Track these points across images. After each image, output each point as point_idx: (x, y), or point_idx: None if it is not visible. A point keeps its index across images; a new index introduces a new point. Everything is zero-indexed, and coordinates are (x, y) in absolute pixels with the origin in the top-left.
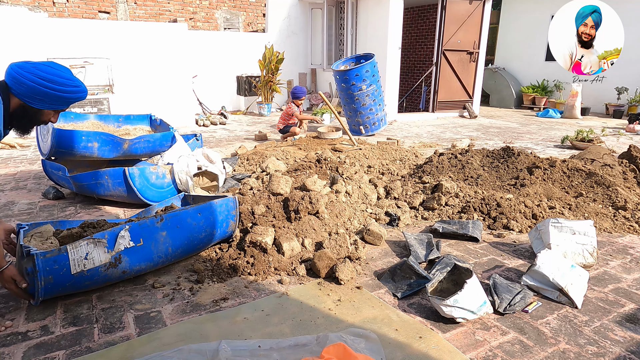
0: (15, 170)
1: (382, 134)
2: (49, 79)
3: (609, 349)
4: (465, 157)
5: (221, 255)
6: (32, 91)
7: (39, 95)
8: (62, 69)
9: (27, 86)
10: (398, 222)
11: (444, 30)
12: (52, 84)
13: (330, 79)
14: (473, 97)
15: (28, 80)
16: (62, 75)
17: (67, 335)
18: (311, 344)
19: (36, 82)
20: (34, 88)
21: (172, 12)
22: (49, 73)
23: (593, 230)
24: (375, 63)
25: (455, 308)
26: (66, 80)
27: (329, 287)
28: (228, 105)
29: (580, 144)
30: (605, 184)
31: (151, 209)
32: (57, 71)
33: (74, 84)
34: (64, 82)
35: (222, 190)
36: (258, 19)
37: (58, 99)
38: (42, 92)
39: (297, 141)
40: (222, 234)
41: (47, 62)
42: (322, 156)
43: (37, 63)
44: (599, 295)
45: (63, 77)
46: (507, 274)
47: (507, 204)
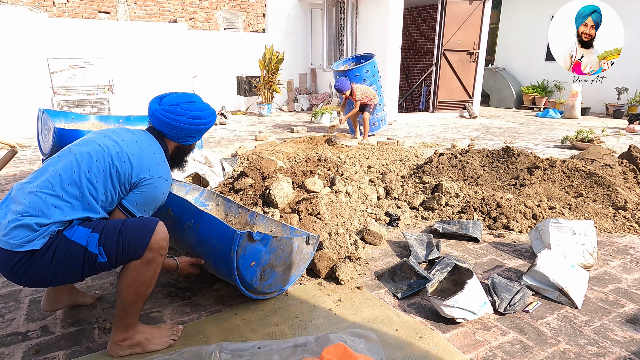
0: (16, 171)
1: (382, 134)
2: (198, 117)
3: (609, 349)
4: (465, 157)
5: None
6: (187, 132)
7: (193, 133)
8: (198, 99)
9: (184, 129)
10: (398, 222)
11: (444, 30)
12: (201, 120)
13: (330, 79)
14: (473, 97)
15: (185, 124)
16: (204, 107)
17: (67, 335)
18: (311, 344)
19: (192, 124)
20: (188, 129)
21: (172, 12)
22: (196, 110)
23: (593, 230)
24: (375, 63)
25: (456, 308)
26: (208, 112)
27: (329, 287)
28: (228, 105)
29: (580, 144)
30: (605, 184)
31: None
32: (199, 105)
33: (212, 111)
34: (207, 114)
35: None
36: (258, 19)
37: (206, 129)
38: (196, 130)
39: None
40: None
41: (185, 96)
42: (322, 156)
43: (178, 102)
44: (599, 295)
45: (205, 108)
46: (507, 274)
47: (507, 204)
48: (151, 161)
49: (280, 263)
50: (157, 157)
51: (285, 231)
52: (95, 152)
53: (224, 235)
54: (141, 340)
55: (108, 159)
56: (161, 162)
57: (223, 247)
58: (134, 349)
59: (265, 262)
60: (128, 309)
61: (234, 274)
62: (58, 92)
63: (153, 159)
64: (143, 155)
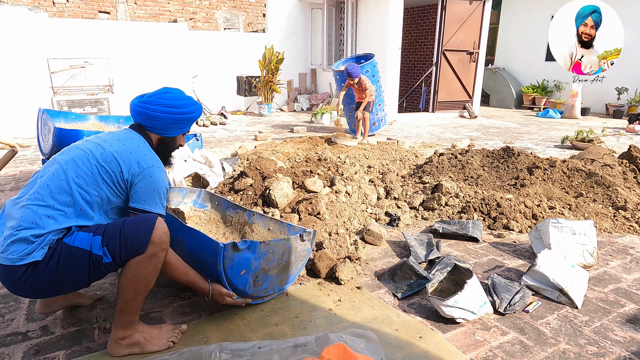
0: (16, 171)
1: (382, 134)
2: (174, 105)
3: (609, 349)
4: (465, 157)
5: None
6: (166, 122)
7: (173, 124)
8: (177, 91)
9: (161, 119)
10: (398, 222)
11: (444, 31)
12: (178, 108)
13: (330, 79)
14: (473, 97)
15: (160, 112)
16: (183, 97)
17: (67, 335)
18: (311, 344)
19: (168, 112)
20: (166, 119)
21: (172, 12)
22: (172, 99)
23: (593, 230)
24: (375, 63)
25: (456, 308)
26: (185, 101)
27: (329, 287)
28: (228, 105)
29: (580, 144)
30: (605, 184)
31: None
32: (176, 94)
33: (193, 102)
34: (185, 104)
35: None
36: (258, 19)
37: (188, 120)
38: (175, 120)
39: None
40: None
41: (161, 90)
42: (322, 156)
43: (155, 93)
44: (599, 295)
45: (184, 98)
46: (507, 274)
47: (507, 204)
48: (137, 154)
49: (273, 266)
50: (141, 149)
51: (283, 228)
52: (79, 157)
53: (209, 249)
54: (140, 339)
55: (93, 161)
56: (147, 153)
57: (210, 260)
58: (132, 349)
59: (256, 268)
60: (129, 305)
61: (225, 285)
62: (58, 92)
63: (138, 151)
64: (127, 150)
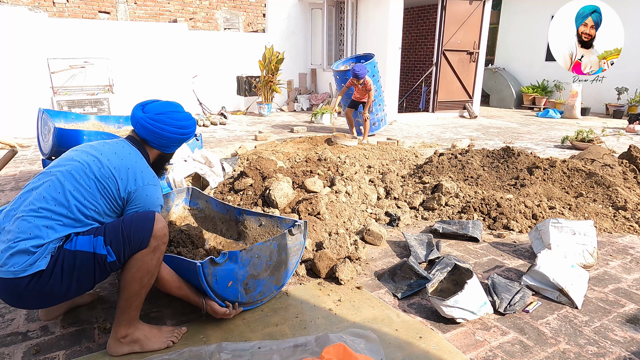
0: (16, 171)
1: (382, 134)
2: (184, 126)
3: (609, 349)
4: (465, 157)
5: None
6: (172, 141)
7: (177, 142)
8: (182, 109)
9: (169, 138)
10: (398, 222)
11: (444, 31)
12: (186, 129)
13: (330, 79)
14: (473, 97)
15: (172, 133)
16: (188, 117)
17: (67, 335)
18: (311, 344)
19: (177, 133)
20: (174, 138)
21: (172, 12)
22: (182, 119)
23: (593, 230)
24: (375, 63)
25: (456, 308)
26: (191, 121)
27: (329, 287)
28: (228, 105)
29: (580, 144)
30: (605, 184)
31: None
32: (184, 114)
33: (194, 122)
34: (191, 124)
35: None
36: (258, 19)
37: (187, 140)
38: (180, 140)
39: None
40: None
41: (170, 105)
42: (322, 156)
43: (164, 110)
44: (599, 295)
45: (189, 118)
46: (507, 274)
47: (507, 204)
48: (134, 170)
49: (262, 269)
50: (138, 165)
51: (275, 222)
52: (77, 169)
53: (189, 269)
54: (140, 337)
55: (91, 175)
56: (145, 169)
57: (194, 280)
58: (132, 347)
59: (243, 276)
60: (132, 301)
61: (215, 300)
62: (58, 92)
63: (135, 167)
64: (125, 166)
